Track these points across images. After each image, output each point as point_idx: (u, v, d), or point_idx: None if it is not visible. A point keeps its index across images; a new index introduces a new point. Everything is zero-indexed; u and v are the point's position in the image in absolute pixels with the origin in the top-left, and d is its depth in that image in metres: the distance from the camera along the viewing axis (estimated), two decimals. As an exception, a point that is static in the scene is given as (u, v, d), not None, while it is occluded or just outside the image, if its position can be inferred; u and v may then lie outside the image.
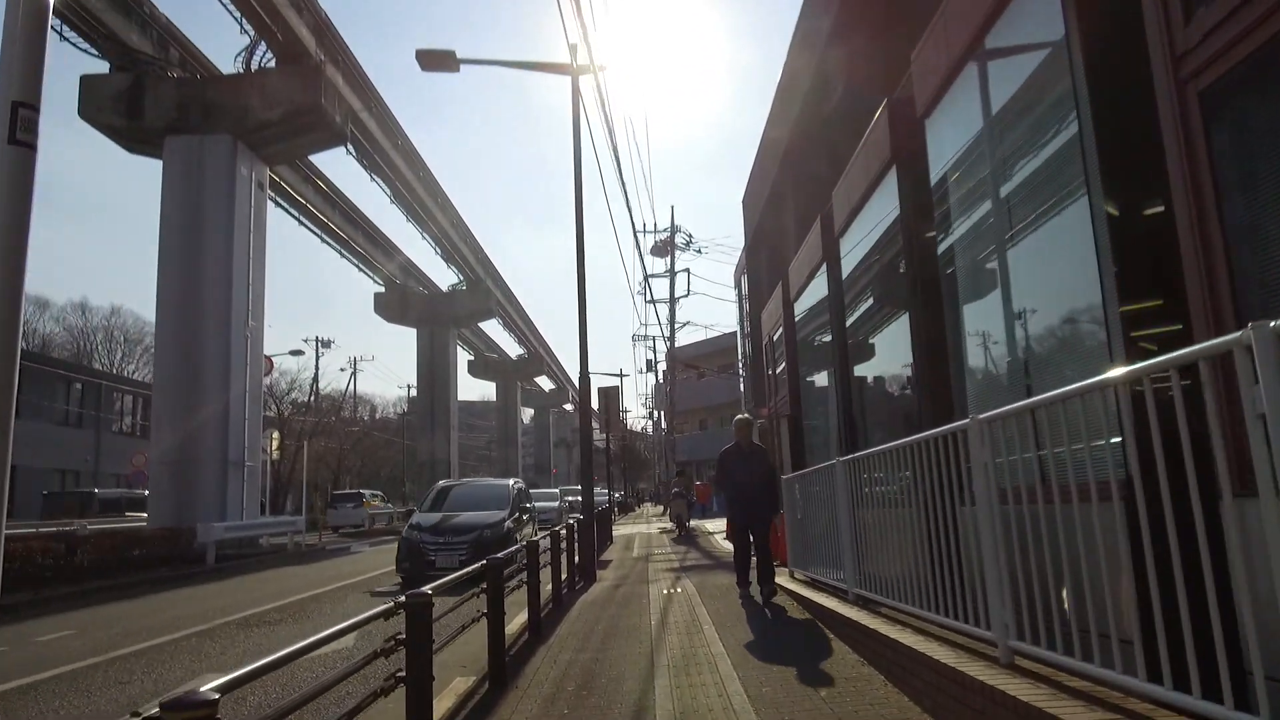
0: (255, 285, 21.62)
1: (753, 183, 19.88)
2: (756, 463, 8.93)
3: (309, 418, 57.08)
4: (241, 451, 20.35)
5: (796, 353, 13.65)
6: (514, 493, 15.53)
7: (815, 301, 12.14)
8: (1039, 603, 3.64)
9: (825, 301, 11.31)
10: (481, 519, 13.93)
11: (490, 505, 14.68)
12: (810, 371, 13.00)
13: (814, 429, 12.59)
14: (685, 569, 13.20)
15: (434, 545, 13.40)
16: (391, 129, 31.01)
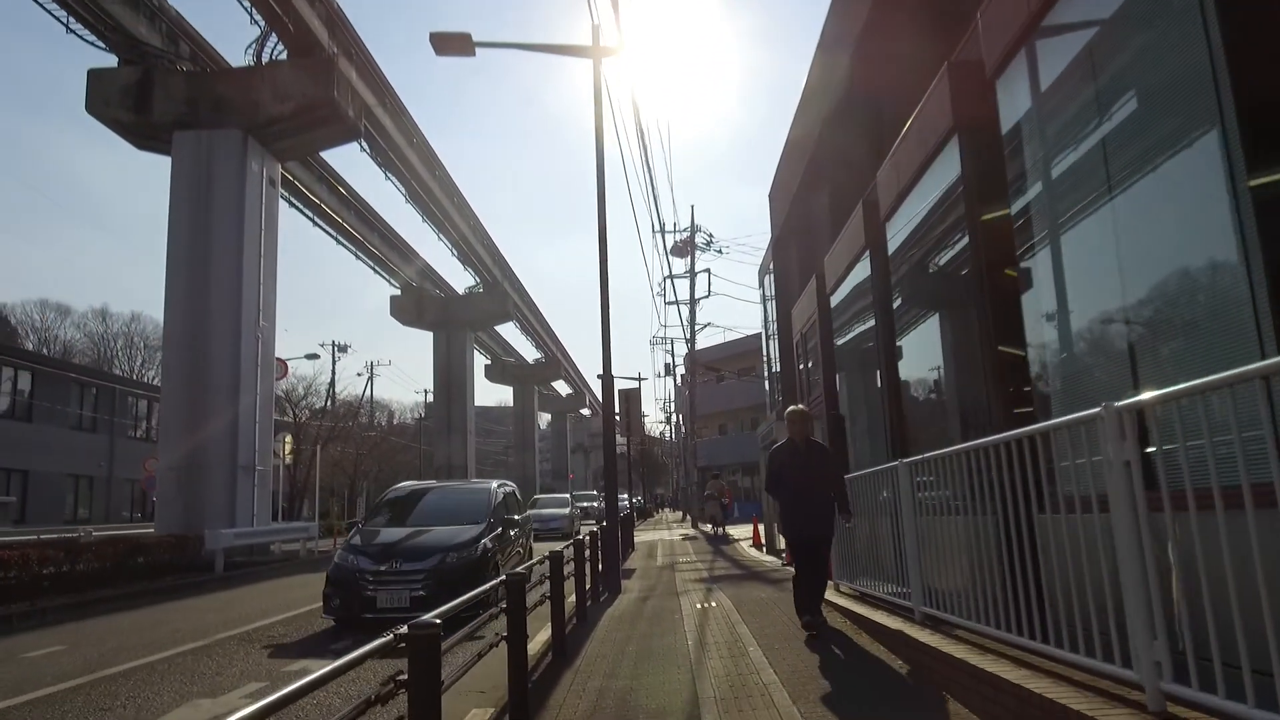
0: (267, 284, 21.05)
1: (780, 174, 19.11)
2: (817, 463, 7.14)
3: (325, 423, 56.87)
4: (252, 456, 19.76)
5: (833, 349, 12.87)
6: (495, 499, 11.60)
7: (855, 293, 11.38)
8: (1202, 635, 2.87)
9: (868, 292, 10.54)
10: (445, 538, 10.05)
11: (461, 517, 10.80)
12: (849, 368, 12.23)
13: (855, 430, 11.81)
14: (716, 579, 12.44)
15: (375, 576, 9.45)
16: (406, 126, 30.45)
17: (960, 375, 7.68)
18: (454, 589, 6.67)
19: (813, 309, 13.81)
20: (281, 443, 23.73)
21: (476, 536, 10.23)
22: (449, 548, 9.82)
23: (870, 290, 10.27)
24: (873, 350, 10.72)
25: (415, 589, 9.25)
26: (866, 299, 10.60)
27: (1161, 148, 4.35)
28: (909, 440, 9.13)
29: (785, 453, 7.27)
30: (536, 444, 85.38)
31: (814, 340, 14.19)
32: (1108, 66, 4.86)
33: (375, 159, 29.77)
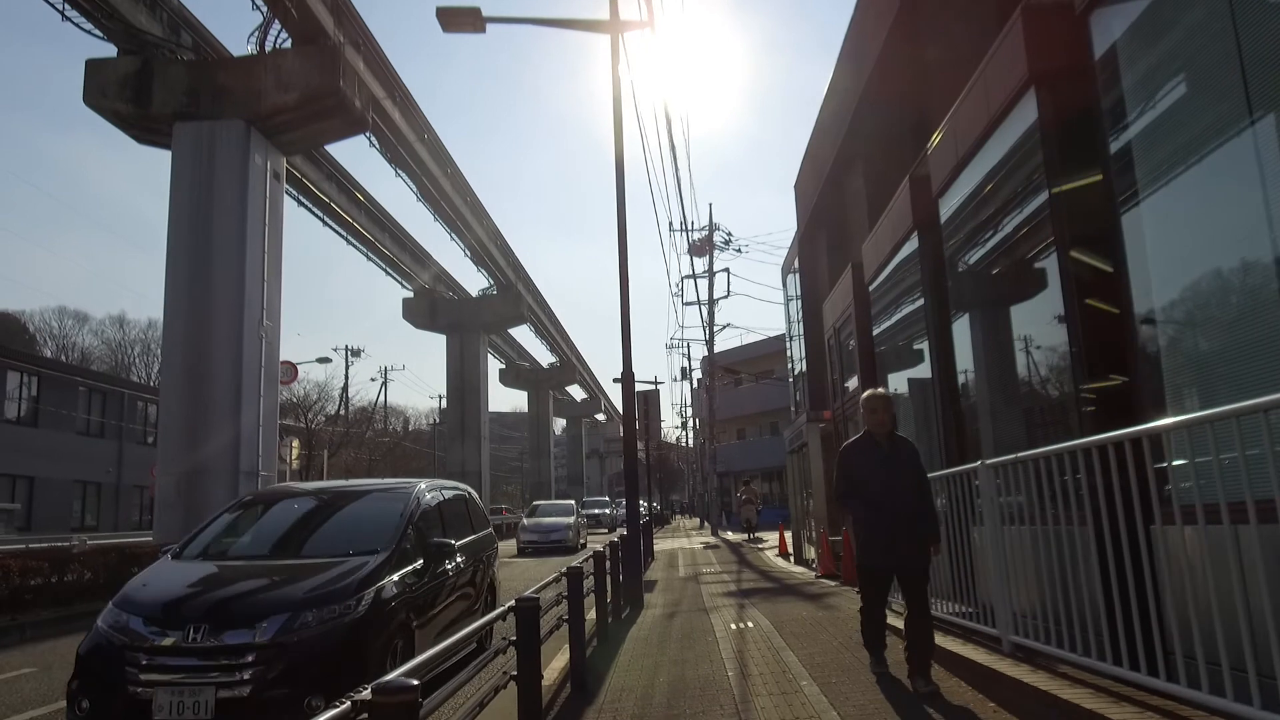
0: (271, 282, 20.30)
1: (808, 162, 18.18)
2: (906, 465, 5.32)
3: (336, 428, 56.27)
4: (255, 460, 18.99)
5: (872, 342, 11.94)
6: (414, 511, 6.74)
7: (900, 280, 10.45)
8: None
9: (916, 278, 9.61)
10: (300, 583, 5.49)
11: (347, 542, 6.23)
12: (891, 362, 11.28)
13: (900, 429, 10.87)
14: (746, 593, 11.50)
15: (152, 656, 5.05)
16: (417, 121, 29.70)
17: (1035, 368, 6.74)
18: (313, 676, 4.77)
19: (848, 301, 12.88)
20: (289, 447, 22.95)
21: (362, 579, 5.50)
22: (300, 602, 5.18)
23: (920, 275, 9.35)
24: (922, 341, 9.79)
25: (232, 681, 4.83)
26: (914, 285, 9.67)
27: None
28: (968, 441, 8.19)
29: (861, 451, 5.44)
30: (551, 449, 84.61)
31: (849, 334, 13.26)
32: None
33: (384, 154, 29.02)
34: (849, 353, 13.76)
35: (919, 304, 9.60)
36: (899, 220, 9.87)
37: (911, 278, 9.84)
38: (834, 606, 9.04)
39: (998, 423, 7.67)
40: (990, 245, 7.55)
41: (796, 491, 18.58)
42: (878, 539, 5.26)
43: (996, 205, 7.25)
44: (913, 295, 9.91)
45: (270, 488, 8.03)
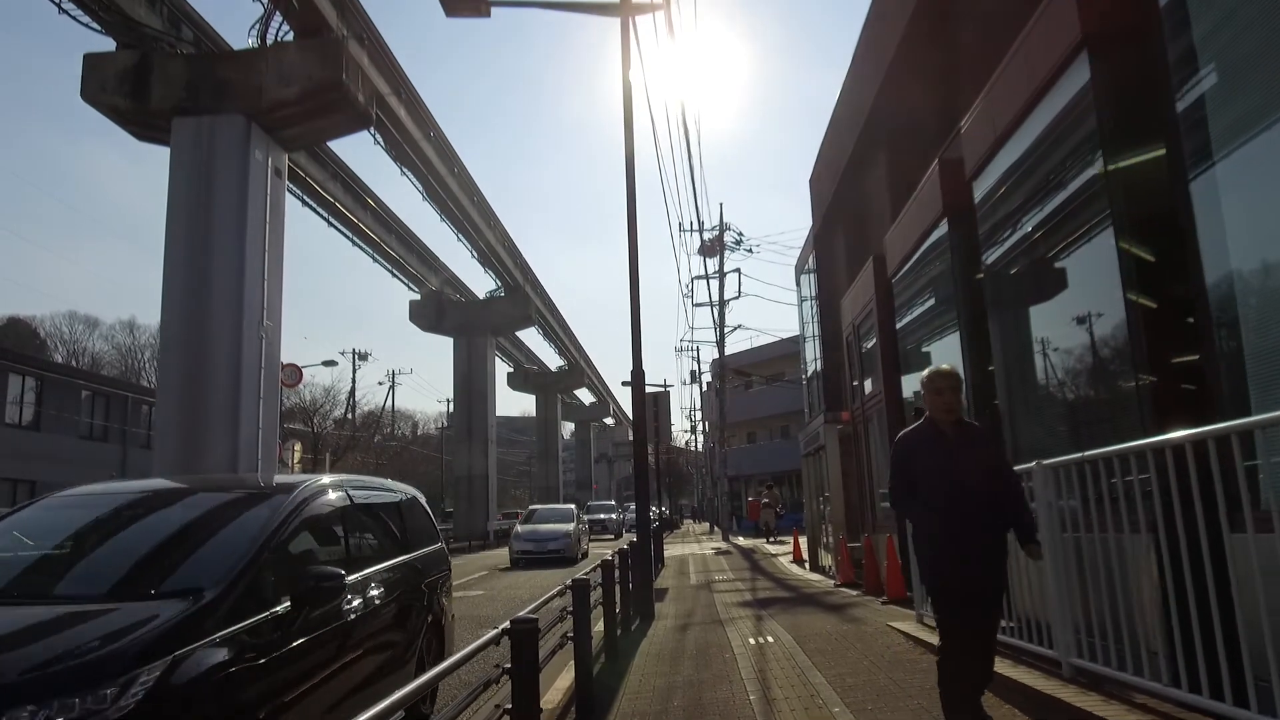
0: (272, 281, 19.82)
1: (825, 153, 17.62)
2: (978, 457, 4.20)
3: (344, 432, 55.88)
4: (254, 464, 18.48)
5: (895, 337, 11.35)
6: (278, 527, 4.07)
7: (927, 271, 9.88)
8: None
9: (946, 267, 9.04)
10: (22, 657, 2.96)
11: (134, 583, 3.69)
12: (917, 362, 10.70)
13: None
14: (763, 603, 10.93)
15: None
16: (423, 118, 29.23)
17: (1084, 362, 6.16)
18: None
19: (869, 295, 12.30)
20: (290, 451, 22.46)
21: (150, 641, 3.05)
22: (10, 688, 2.78)
23: (950, 264, 8.77)
24: (951, 335, 9.21)
25: None
26: (943, 275, 9.09)
27: None
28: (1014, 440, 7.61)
29: (923, 442, 4.33)
30: (559, 453, 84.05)
31: (870, 330, 12.68)
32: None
33: (389, 152, 28.54)
34: (869, 350, 13.18)
35: (948, 295, 9.03)
36: (927, 207, 9.29)
37: (940, 267, 9.27)
38: (860, 619, 8.46)
39: (1040, 421, 7.09)
40: (1032, 229, 6.97)
41: (812, 496, 17.98)
42: (949, 552, 4.07)
43: (1040, 184, 6.68)
44: (941, 286, 9.33)
45: (82, 487, 4.91)
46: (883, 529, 12.03)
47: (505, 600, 12.76)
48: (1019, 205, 7.23)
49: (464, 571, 18.68)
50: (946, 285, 9.13)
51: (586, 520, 33.05)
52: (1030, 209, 7.01)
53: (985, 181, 7.80)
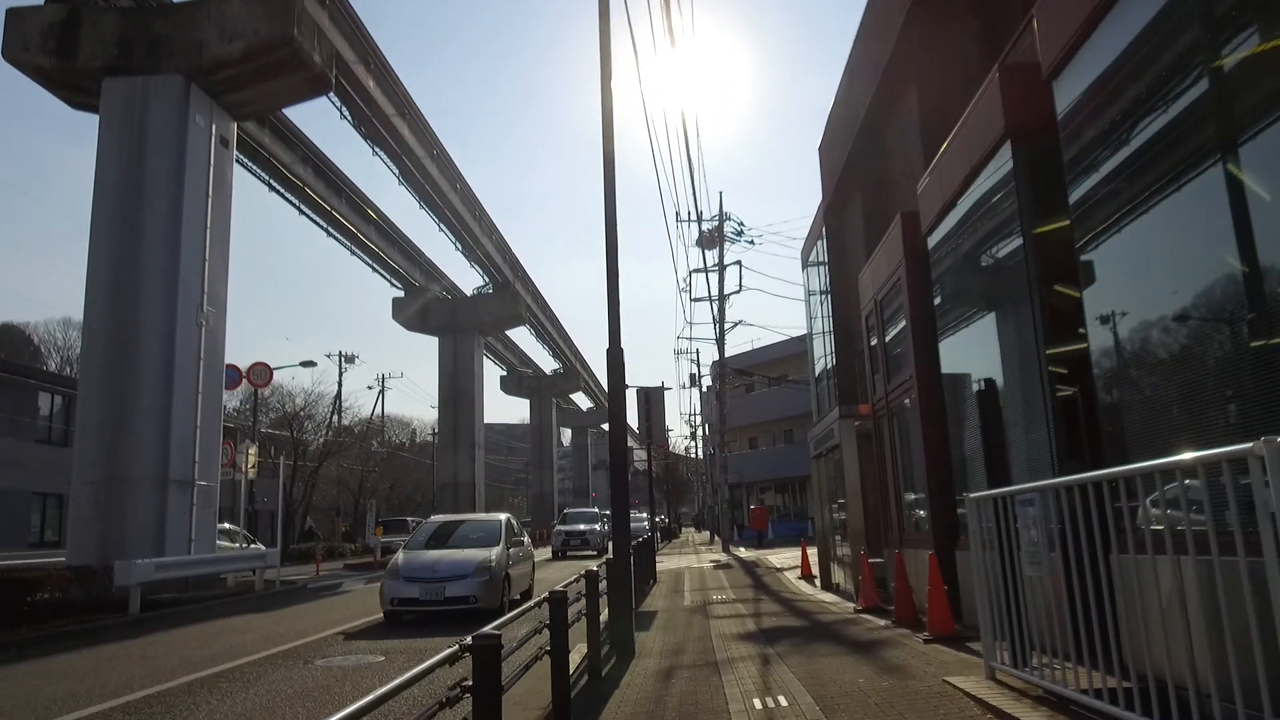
0: (215, 263, 17.82)
1: (836, 114, 15.70)
2: None
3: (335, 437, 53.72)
4: (190, 468, 16.45)
5: (932, 314, 9.35)
6: None
7: (977, 222, 7.90)
8: None
9: (1007, 213, 7.06)
10: None
11: None
12: (963, 342, 8.70)
13: (965, 419, 8.27)
14: (768, 635, 8.91)
15: None
16: (397, 93, 27.22)
17: (1233, 326, 4.19)
18: None
19: (896, 261, 10.31)
20: (244, 453, 20.45)
21: None
22: None
23: (1016, 202, 6.78)
24: (1011, 298, 7.22)
25: None
26: (1007, 223, 7.10)
27: None
28: (1108, 436, 5.62)
29: None
30: (555, 460, 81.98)
31: (897, 307, 10.69)
32: None
33: (359, 129, 26.53)
34: (895, 330, 11.19)
35: (1011, 251, 7.04)
36: (981, 130, 7.30)
37: (999, 213, 7.28)
38: (901, 669, 6.44)
39: (1155, 411, 5.12)
40: (1147, 146, 5.01)
41: (823, 503, 15.97)
42: None
43: (1155, 84, 4.72)
44: (1002, 237, 7.34)
45: None
46: (914, 543, 10.04)
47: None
48: (1123, 117, 5.27)
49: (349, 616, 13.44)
50: (1008, 236, 7.15)
51: (564, 531, 30.81)
52: (1143, 119, 5.06)
53: (1072, 84, 5.84)
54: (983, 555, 5.54)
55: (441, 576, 11.84)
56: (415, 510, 63.81)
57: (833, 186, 16.13)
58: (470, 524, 14.15)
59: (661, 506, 70.46)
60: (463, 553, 12.46)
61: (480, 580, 11.82)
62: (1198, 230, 4.68)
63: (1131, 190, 5.35)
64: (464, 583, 11.77)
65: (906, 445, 10.71)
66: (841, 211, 16.39)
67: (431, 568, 12.04)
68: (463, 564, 12.02)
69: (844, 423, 12.68)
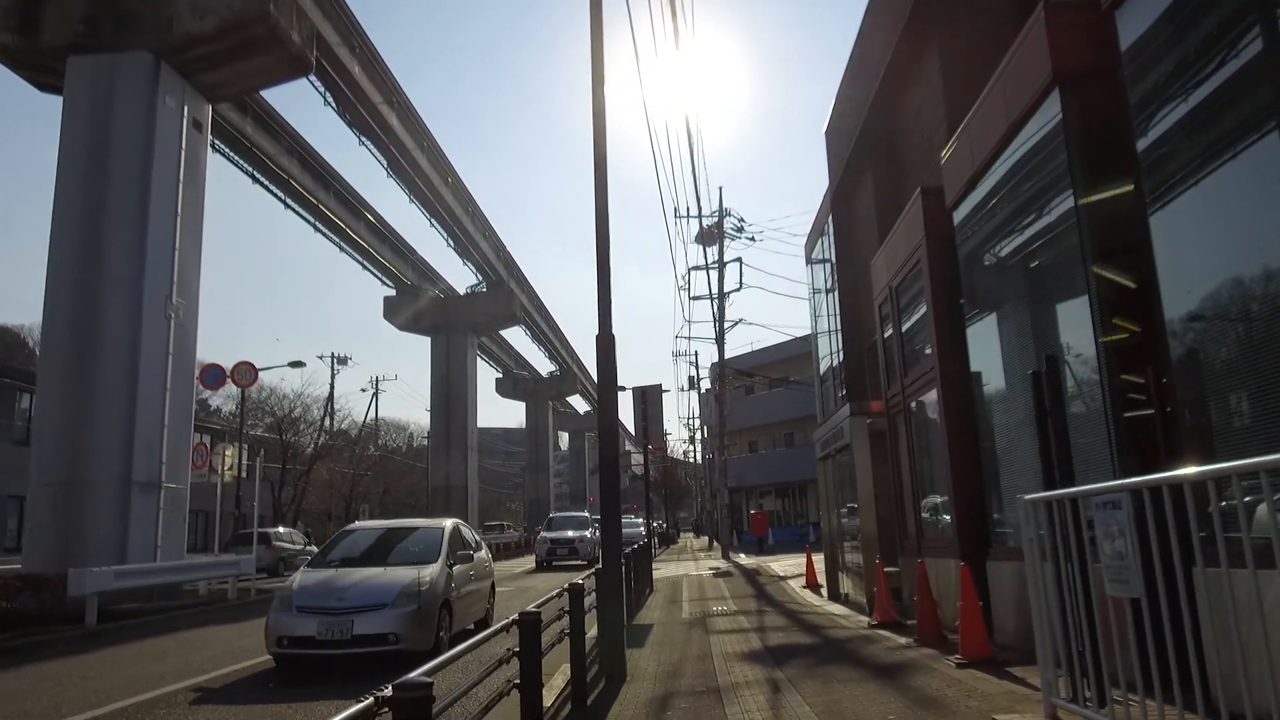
0: (187, 252, 16.91)
1: (845, 91, 14.84)
2: None
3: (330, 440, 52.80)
4: (156, 469, 15.53)
5: (959, 296, 8.47)
6: None
7: (1017, 185, 7.02)
8: None
9: (1054, 174, 6.19)
10: None
11: None
12: (996, 310, 7.82)
13: (1008, 412, 7.39)
14: (776, 654, 8.01)
15: None
16: (384, 80, 26.34)
17: None
18: None
19: (915, 242, 9.43)
20: (221, 456, 19.55)
21: None
22: None
23: (1066, 159, 5.90)
24: (1057, 272, 6.34)
25: None
26: (1054, 184, 6.22)
27: None
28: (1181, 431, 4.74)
29: None
30: (551, 464, 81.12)
31: (917, 292, 9.82)
32: None
33: (344, 116, 25.63)
34: (913, 318, 10.31)
35: (1060, 212, 6.15)
36: (1022, 80, 6.42)
37: (1044, 175, 6.40)
38: (936, 699, 5.54)
39: (1254, 399, 4.24)
40: (1238, 71, 4.14)
41: (829, 507, 15.08)
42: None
43: None
44: (1046, 203, 6.46)
45: None
46: (937, 551, 9.15)
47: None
48: (1208, 42, 4.41)
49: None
50: (1054, 201, 6.28)
51: (549, 539, 26.20)
52: (1234, 44, 4.19)
53: (1143, 8, 4.97)
54: (1040, 568, 4.65)
55: (349, 607, 8.42)
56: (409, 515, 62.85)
57: (840, 170, 15.25)
58: (403, 534, 10.57)
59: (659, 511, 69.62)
60: (385, 573, 9.04)
61: (404, 612, 8.45)
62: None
63: (1217, 132, 4.48)
64: (380, 615, 8.36)
65: (926, 444, 9.83)
66: (850, 198, 15.52)
67: (337, 594, 8.63)
68: (380, 589, 8.60)
69: (855, 420, 11.79)
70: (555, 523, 29.23)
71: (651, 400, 19.06)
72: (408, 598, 8.56)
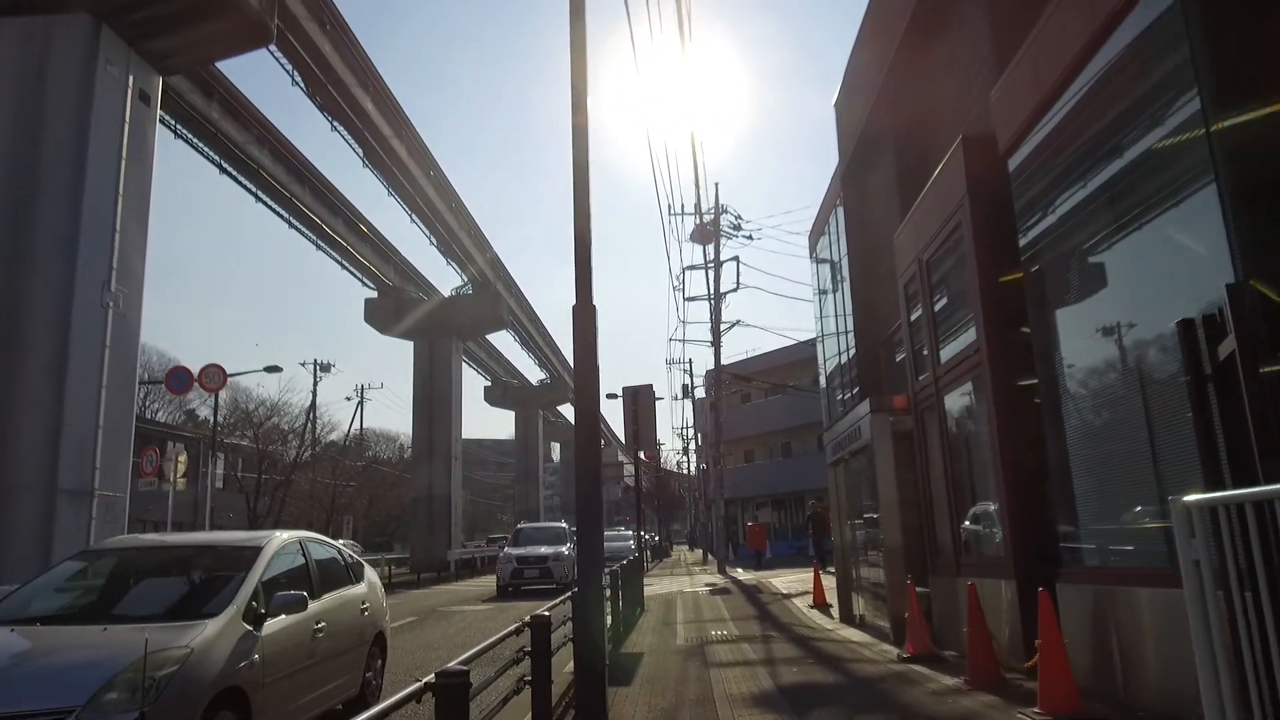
0: (129, 235, 15.37)
1: (859, 57, 13.46)
2: None
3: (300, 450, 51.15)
4: (88, 475, 13.95)
5: (1015, 260, 7.03)
6: None
7: (1093, 117, 5.60)
8: None
9: (1158, 75, 4.77)
10: None
11: None
12: (1070, 279, 6.38)
13: (1101, 405, 5.95)
14: (792, 696, 6.54)
15: None
16: (359, 63, 24.85)
17: None
18: None
19: (955, 200, 7.98)
20: (172, 460, 17.99)
21: None
22: None
23: (1188, 47, 4.48)
24: (1173, 202, 4.90)
25: None
26: (1158, 81, 4.80)
27: None
28: None
29: None
30: (541, 475, 79.46)
31: (953, 261, 8.39)
32: None
33: (314, 99, 24.09)
34: (949, 294, 8.88)
35: (1183, 119, 4.72)
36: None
37: (1151, 74, 4.97)
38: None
39: None
40: None
41: (841, 517, 13.61)
42: None
43: None
44: (1154, 119, 5.03)
45: None
46: (984, 569, 7.68)
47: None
48: None
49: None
50: (1168, 116, 4.85)
51: (514, 557, 21.16)
52: None
53: None
54: (1208, 599, 3.19)
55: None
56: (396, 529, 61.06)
57: (852, 146, 13.86)
58: (184, 560, 6.43)
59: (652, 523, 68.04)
60: (96, 639, 4.89)
61: None
62: None
63: None
64: None
65: (967, 440, 8.38)
66: (863, 176, 14.12)
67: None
68: (63, 675, 4.48)
69: (876, 418, 10.31)
70: (524, 536, 23.45)
71: (643, 402, 17.54)
72: (114, 696, 4.33)
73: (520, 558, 21.15)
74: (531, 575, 20.72)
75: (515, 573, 20.91)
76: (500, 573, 21.46)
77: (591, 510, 5.88)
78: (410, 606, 18.22)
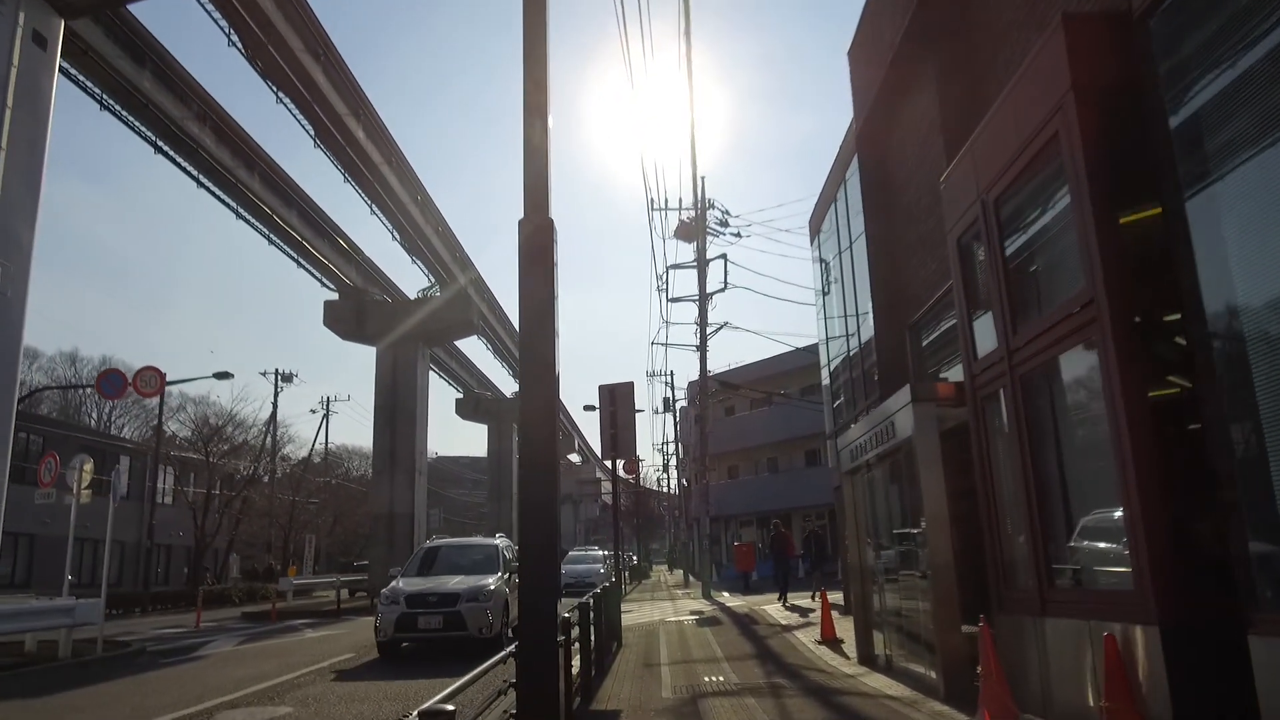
0: (15, 202, 13.13)
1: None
2: None
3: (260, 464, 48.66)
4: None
5: (1151, 180, 5.00)
6: None
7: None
8: None
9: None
10: None
11: None
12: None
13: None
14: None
15: None
16: (308, 28, 22.54)
17: None
18: None
19: (1053, 100, 5.92)
20: (76, 470, 15.64)
21: None
22: None
23: None
24: None
25: None
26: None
27: None
28: None
29: None
30: (514, 492, 76.90)
31: (1054, 188, 6.34)
32: None
33: (255, 64, 21.46)
34: (1030, 232, 6.85)
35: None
36: None
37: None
38: None
39: None
40: None
41: (859, 536, 11.48)
42: None
43: None
44: None
45: None
46: (1084, 609, 5.62)
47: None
48: None
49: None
50: None
51: (403, 595, 13.11)
52: None
53: None
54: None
55: None
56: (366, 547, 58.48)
57: (873, 93, 11.88)
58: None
59: (630, 542, 65.62)
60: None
61: None
62: None
63: None
64: None
65: (1067, 431, 6.31)
66: (886, 129, 12.16)
67: None
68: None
69: (919, 409, 8.21)
70: (428, 560, 15.54)
71: (622, 403, 15.46)
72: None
73: (412, 597, 13.20)
74: (430, 625, 12.96)
75: (403, 619, 13.03)
76: (380, 622, 13.19)
77: (545, 513, 3.75)
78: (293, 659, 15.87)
